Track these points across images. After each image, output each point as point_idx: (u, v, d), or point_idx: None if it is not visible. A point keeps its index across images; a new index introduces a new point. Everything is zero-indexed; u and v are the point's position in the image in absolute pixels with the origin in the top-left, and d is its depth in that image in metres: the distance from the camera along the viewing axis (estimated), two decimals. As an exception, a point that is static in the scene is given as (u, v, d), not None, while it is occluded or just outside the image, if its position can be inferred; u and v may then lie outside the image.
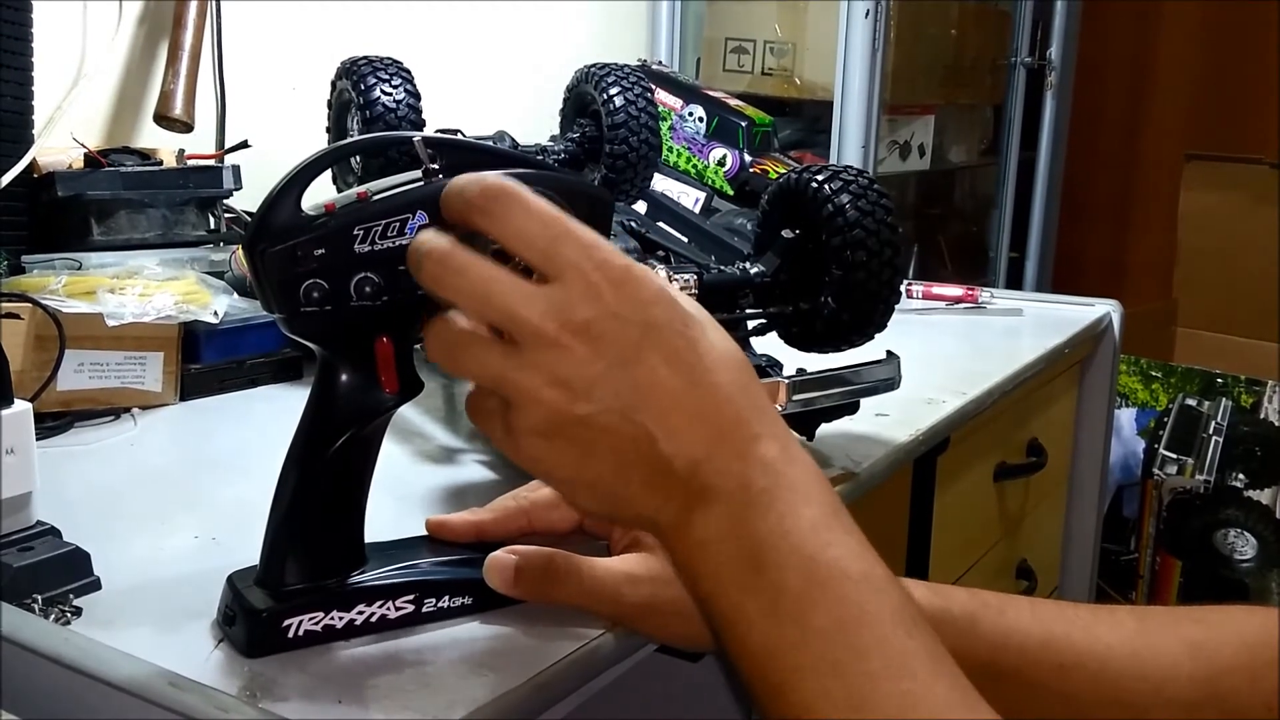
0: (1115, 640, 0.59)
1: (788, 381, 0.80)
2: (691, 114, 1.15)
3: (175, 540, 0.70)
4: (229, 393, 1.00)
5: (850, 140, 1.89)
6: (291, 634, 0.55)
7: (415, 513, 0.66)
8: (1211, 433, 2.19)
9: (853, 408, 0.86)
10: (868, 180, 0.80)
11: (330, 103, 1.05)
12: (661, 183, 1.13)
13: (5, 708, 0.54)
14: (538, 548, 0.58)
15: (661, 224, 1.07)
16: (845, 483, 0.83)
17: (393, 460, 0.81)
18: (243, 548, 0.58)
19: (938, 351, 1.26)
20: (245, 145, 1.18)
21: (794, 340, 0.85)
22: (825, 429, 0.87)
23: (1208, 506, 2.15)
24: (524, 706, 0.53)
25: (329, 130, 1.07)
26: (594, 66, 1.05)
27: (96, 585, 0.62)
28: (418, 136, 0.54)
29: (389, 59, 1.00)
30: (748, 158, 1.11)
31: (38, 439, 0.64)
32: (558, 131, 1.11)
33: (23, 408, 0.62)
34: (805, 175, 0.81)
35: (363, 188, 0.53)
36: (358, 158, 0.99)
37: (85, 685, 0.54)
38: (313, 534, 0.57)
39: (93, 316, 0.90)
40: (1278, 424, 2.16)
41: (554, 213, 0.48)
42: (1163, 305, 2.82)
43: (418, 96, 0.99)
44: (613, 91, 1.01)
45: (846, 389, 0.83)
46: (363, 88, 0.97)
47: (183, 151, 1.12)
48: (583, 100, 1.07)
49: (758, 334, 0.86)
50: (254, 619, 0.55)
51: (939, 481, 1.11)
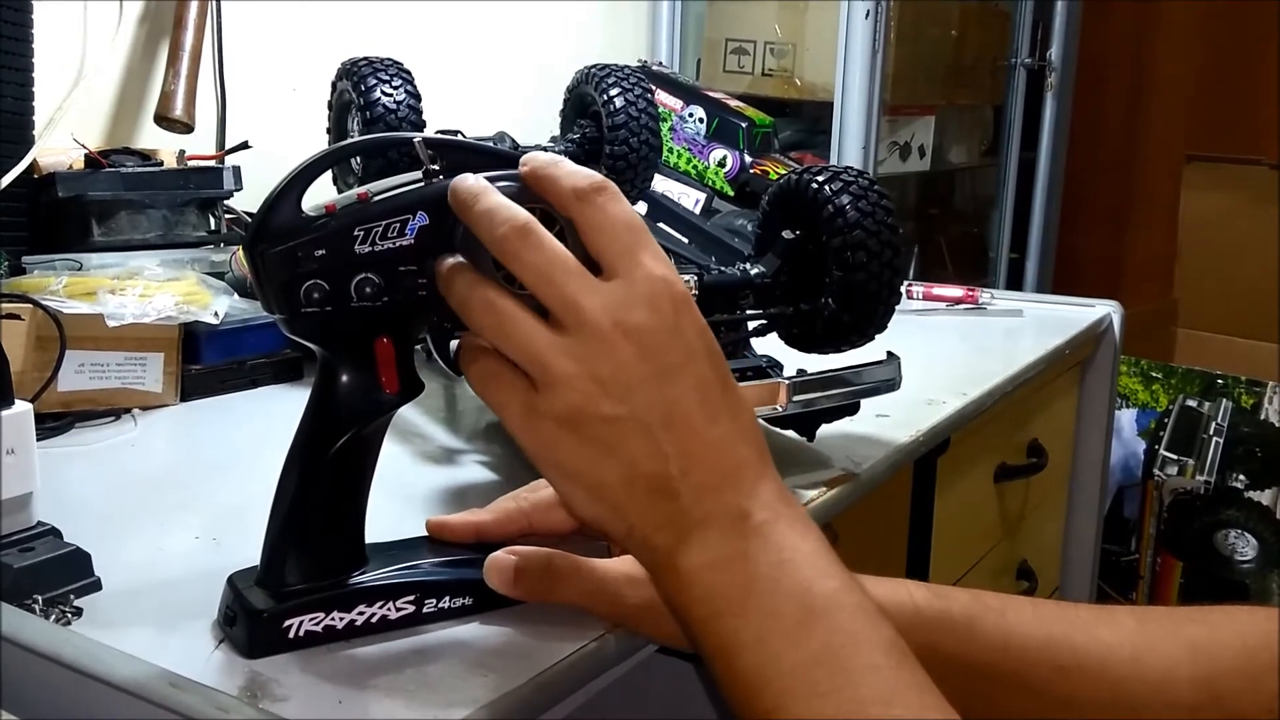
0: (1115, 641, 0.59)
1: (788, 382, 0.80)
2: (692, 115, 1.15)
3: (176, 541, 0.70)
4: (229, 393, 1.00)
5: (850, 141, 1.89)
6: (292, 634, 0.55)
7: (416, 513, 0.66)
8: (1212, 434, 2.19)
9: (853, 408, 0.86)
10: (868, 181, 0.80)
11: (331, 103, 1.05)
12: (662, 183, 1.13)
13: (6, 708, 0.54)
14: (538, 548, 0.58)
15: (662, 225, 1.07)
16: (846, 483, 0.83)
17: (393, 461, 0.81)
18: (243, 548, 0.58)
19: (938, 352, 1.26)
20: (246, 146, 1.18)
21: (794, 341, 0.85)
22: (826, 429, 0.87)
23: (1208, 507, 2.15)
24: (524, 707, 0.53)
25: (329, 131, 1.07)
26: (594, 67, 1.05)
27: (97, 586, 0.62)
28: (418, 137, 0.54)
29: (389, 60, 1.00)
30: (748, 158, 1.11)
31: (38, 440, 0.64)
32: (558, 132, 1.11)
33: (23, 408, 0.62)
34: (805, 176, 0.81)
35: (363, 188, 0.53)
36: (358, 159, 0.99)
37: (86, 686, 0.54)
38: (313, 535, 0.56)
39: (93, 317, 0.90)
40: (1278, 425, 2.16)
41: (640, 220, 0.51)
42: (1163, 306, 2.82)
43: (418, 97, 0.99)
44: (613, 92, 1.01)
45: (847, 390, 0.83)
46: (363, 88, 0.97)
47: (183, 152, 1.12)
48: (583, 101, 1.07)
49: (758, 334, 0.86)
50: (254, 619, 0.55)
51: (939, 482, 1.11)
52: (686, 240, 1.03)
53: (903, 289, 1.47)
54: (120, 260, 1.00)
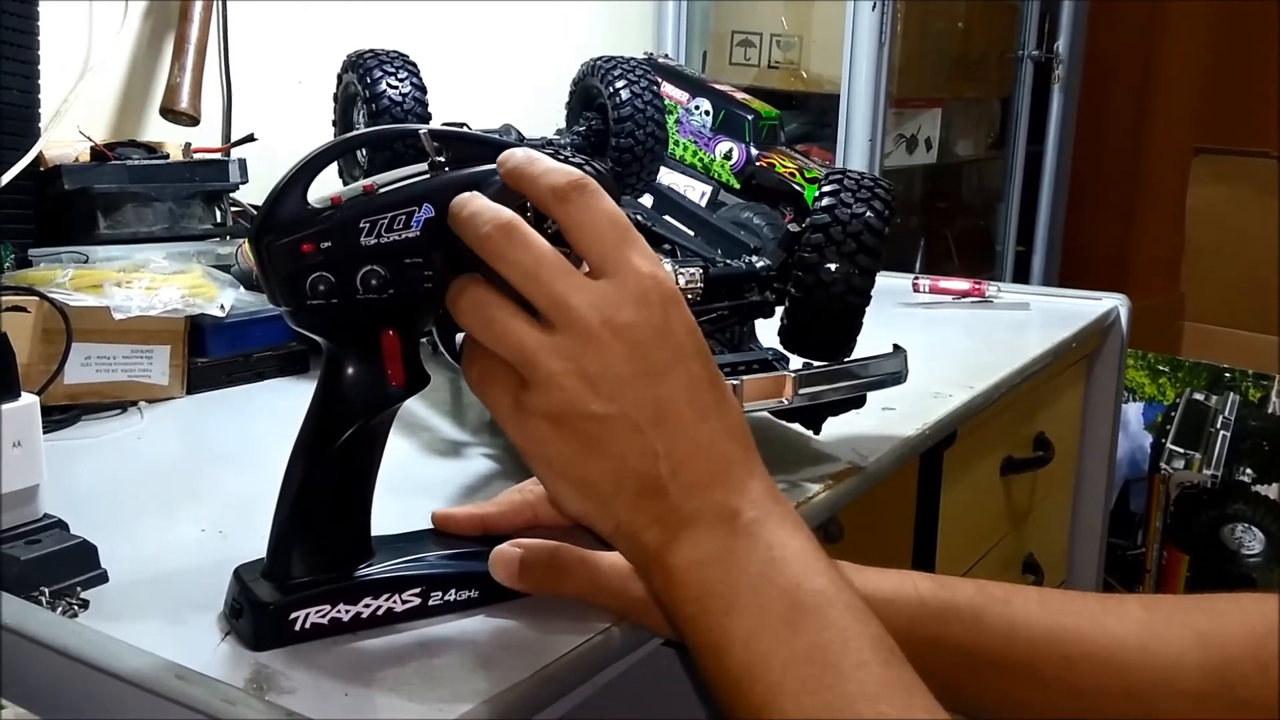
0: (1123, 631, 0.58)
1: (794, 375, 0.80)
2: (698, 107, 1.15)
3: (182, 533, 0.70)
4: (235, 386, 1.01)
5: (857, 133, 1.89)
6: (298, 627, 0.55)
7: (421, 506, 0.66)
8: (1219, 427, 2.19)
9: (859, 401, 0.86)
10: (871, 180, 0.80)
11: (336, 96, 1.05)
12: (668, 176, 1.12)
13: (13, 700, 0.54)
14: (543, 541, 0.58)
15: (668, 217, 1.07)
16: (852, 477, 0.83)
17: (399, 453, 0.81)
18: (249, 541, 0.59)
19: (945, 346, 1.26)
20: (251, 139, 1.18)
21: (794, 347, 0.84)
22: (831, 423, 0.87)
23: (1215, 501, 2.14)
24: (530, 700, 0.53)
25: (335, 123, 1.07)
26: (600, 60, 1.04)
27: (103, 578, 0.62)
28: (424, 129, 0.54)
29: (395, 52, 1.00)
30: (754, 151, 1.11)
31: (45, 432, 0.64)
32: (564, 125, 1.11)
33: (30, 401, 0.62)
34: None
35: (369, 181, 0.53)
36: (364, 151, 0.99)
37: (92, 677, 0.54)
38: (319, 527, 0.57)
39: (99, 310, 0.90)
40: (1285, 418, 2.16)
41: (624, 216, 0.50)
42: (1170, 299, 2.82)
43: (424, 90, 0.99)
44: (619, 85, 1.01)
45: (853, 383, 0.83)
46: (369, 81, 0.97)
47: (189, 145, 1.12)
48: (589, 93, 1.06)
49: (764, 315, 0.86)
50: (260, 612, 0.55)
51: (946, 476, 1.11)
52: (692, 233, 1.03)
53: (909, 282, 1.48)
54: (126, 253, 1.00)
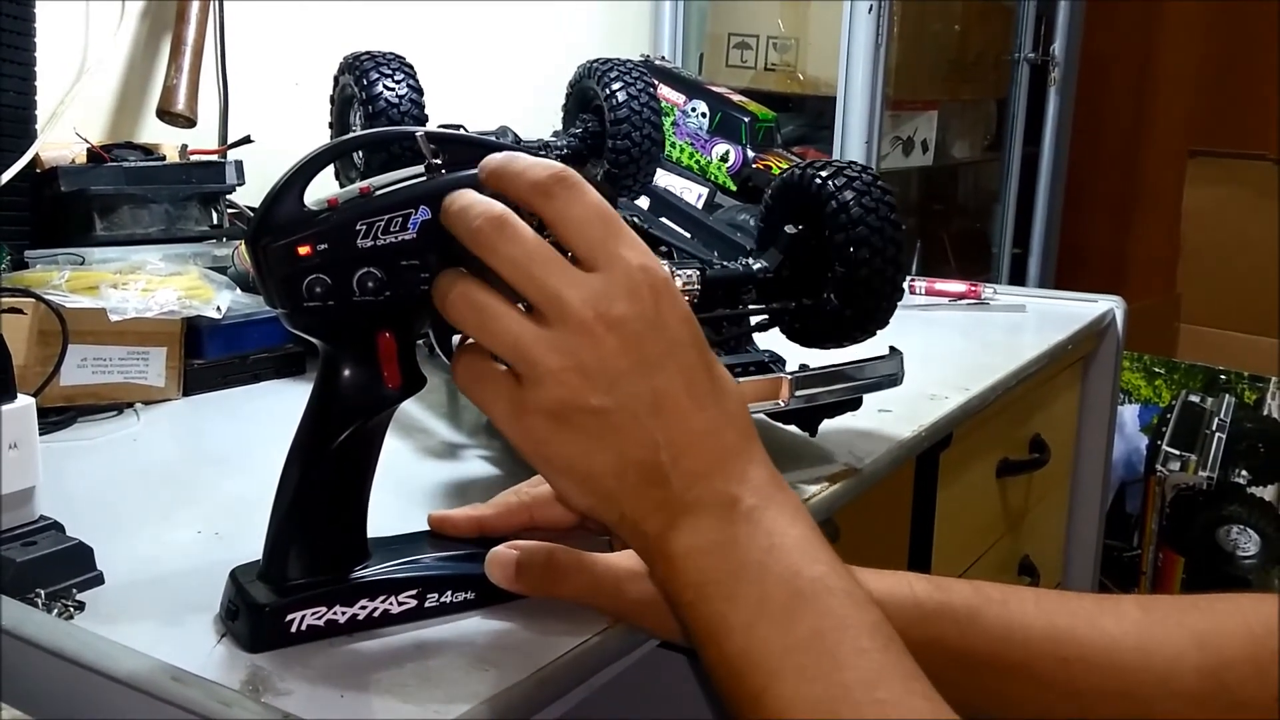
0: (1120, 632, 0.58)
1: (790, 377, 0.80)
2: (694, 109, 1.15)
3: (178, 535, 0.70)
4: (232, 388, 1.01)
5: (853, 135, 1.89)
6: (294, 629, 0.55)
7: (418, 508, 0.66)
8: (1214, 429, 2.19)
9: (855, 403, 0.86)
10: (871, 177, 0.80)
11: (333, 98, 1.05)
12: (664, 178, 1.12)
13: (9, 702, 0.54)
14: (539, 543, 0.58)
15: (664, 220, 1.07)
16: (848, 478, 0.83)
17: (395, 455, 0.81)
18: (245, 543, 0.59)
19: (941, 347, 1.26)
20: (248, 140, 1.18)
21: (796, 336, 0.85)
22: (828, 424, 0.87)
23: (1210, 503, 2.14)
24: (526, 702, 0.53)
25: (331, 125, 1.07)
26: (597, 62, 1.04)
27: (99, 580, 0.62)
28: (420, 131, 0.54)
29: (392, 54, 1.00)
30: (751, 153, 1.11)
31: (41, 434, 0.64)
32: (560, 127, 1.11)
33: (26, 403, 0.62)
34: (809, 171, 0.81)
35: (365, 183, 0.53)
36: (360, 153, 0.99)
37: (88, 680, 0.54)
38: (315, 529, 0.57)
39: (96, 311, 0.90)
40: (1281, 420, 2.16)
41: (612, 209, 0.50)
42: (1166, 301, 2.82)
43: (420, 92, 0.99)
44: (615, 87, 1.01)
45: (849, 384, 0.83)
46: (365, 83, 0.97)
47: (186, 147, 1.12)
48: (585, 95, 1.06)
49: (760, 329, 0.86)
50: (257, 614, 0.55)
51: (942, 477, 1.11)
52: (689, 235, 1.03)
53: (905, 284, 1.48)
54: (122, 254, 1.00)
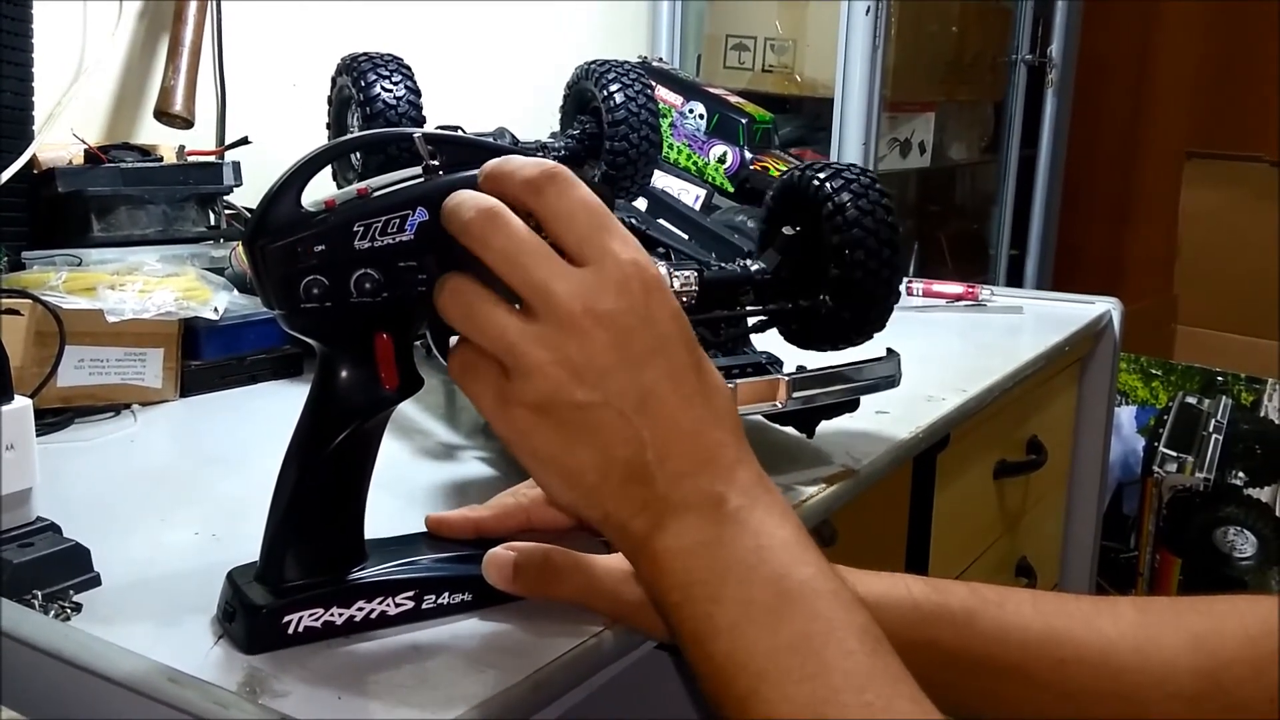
0: (1117, 633, 0.58)
1: (788, 379, 0.80)
2: (692, 111, 1.15)
3: (175, 536, 0.70)
4: (229, 389, 1.00)
5: (851, 137, 1.89)
6: (291, 630, 0.55)
7: (415, 509, 0.66)
8: (1211, 430, 2.19)
9: (853, 405, 0.86)
10: (869, 179, 0.80)
11: (330, 99, 1.05)
12: (662, 180, 1.12)
13: (6, 703, 0.54)
14: (536, 544, 0.58)
15: (662, 221, 1.07)
16: (845, 480, 0.83)
17: (393, 457, 0.81)
18: (242, 544, 0.58)
19: (938, 349, 1.26)
20: (245, 141, 1.18)
21: (794, 337, 0.85)
22: (825, 426, 0.87)
23: (1207, 504, 2.15)
24: (523, 703, 0.53)
25: (329, 126, 1.07)
26: (594, 63, 1.04)
27: (96, 581, 0.62)
28: (418, 133, 0.54)
29: (389, 55, 1.00)
30: (748, 155, 1.11)
31: (38, 435, 0.64)
32: (558, 128, 1.11)
33: (23, 404, 0.62)
34: (807, 173, 0.81)
35: (363, 184, 0.53)
36: (358, 154, 0.99)
37: (85, 681, 0.54)
38: (313, 530, 0.56)
39: (93, 312, 0.90)
40: (1278, 422, 2.16)
41: (602, 204, 0.50)
42: (1163, 303, 2.82)
43: (418, 93, 0.99)
44: (613, 88, 1.01)
45: (847, 386, 0.83)
46: (363, 84, 0.97)
47: (183, 148, 1.12)
48: (583, 97, 1.07)
49: (758, 330, 0.86)
50: (254, 615, 0.55)
51: (939, 479, 1.11)
52: (687, 236, 1.03)
53: (902, 286, 1.48)
54: (120, 255, 1.00)
